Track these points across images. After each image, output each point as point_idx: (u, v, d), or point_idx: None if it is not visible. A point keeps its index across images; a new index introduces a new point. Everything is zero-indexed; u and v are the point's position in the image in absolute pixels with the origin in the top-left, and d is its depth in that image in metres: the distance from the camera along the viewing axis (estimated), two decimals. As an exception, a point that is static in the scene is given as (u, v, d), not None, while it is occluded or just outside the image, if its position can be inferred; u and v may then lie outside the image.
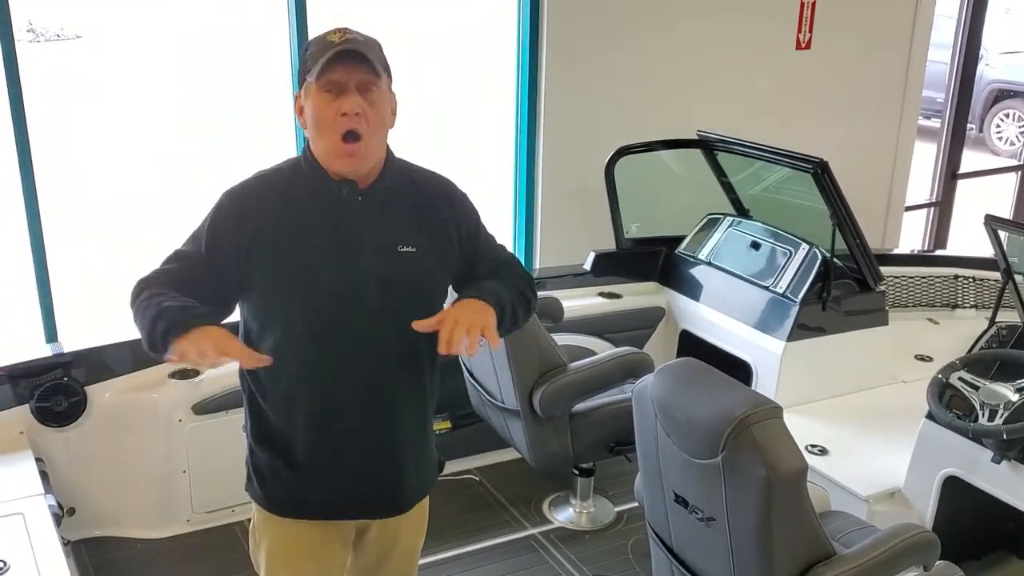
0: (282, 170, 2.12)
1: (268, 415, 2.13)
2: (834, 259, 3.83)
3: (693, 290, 4.32)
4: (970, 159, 7.18)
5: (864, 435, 3.62)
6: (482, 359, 3.58)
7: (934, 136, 6.88)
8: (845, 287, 3.91)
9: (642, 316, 4.37)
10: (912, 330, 4.43)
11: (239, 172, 2.13)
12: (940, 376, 3.13)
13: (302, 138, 2.31)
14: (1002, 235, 3.58)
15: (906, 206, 6.25)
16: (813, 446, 3.46)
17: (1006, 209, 7.28)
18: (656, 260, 4.50)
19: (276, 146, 4.81)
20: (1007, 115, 10.93)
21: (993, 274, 4.44)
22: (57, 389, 3.40)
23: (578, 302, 4.26)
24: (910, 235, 6.63)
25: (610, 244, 4.48)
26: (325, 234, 2.04)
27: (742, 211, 4.53)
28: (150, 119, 9.68)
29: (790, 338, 3.79)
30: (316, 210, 2.05)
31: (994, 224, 3.56)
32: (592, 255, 4.45)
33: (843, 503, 3.13)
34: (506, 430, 3.67)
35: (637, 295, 4.42)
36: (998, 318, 3.75)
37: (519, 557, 3.64)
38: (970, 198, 7.06)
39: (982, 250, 4.43)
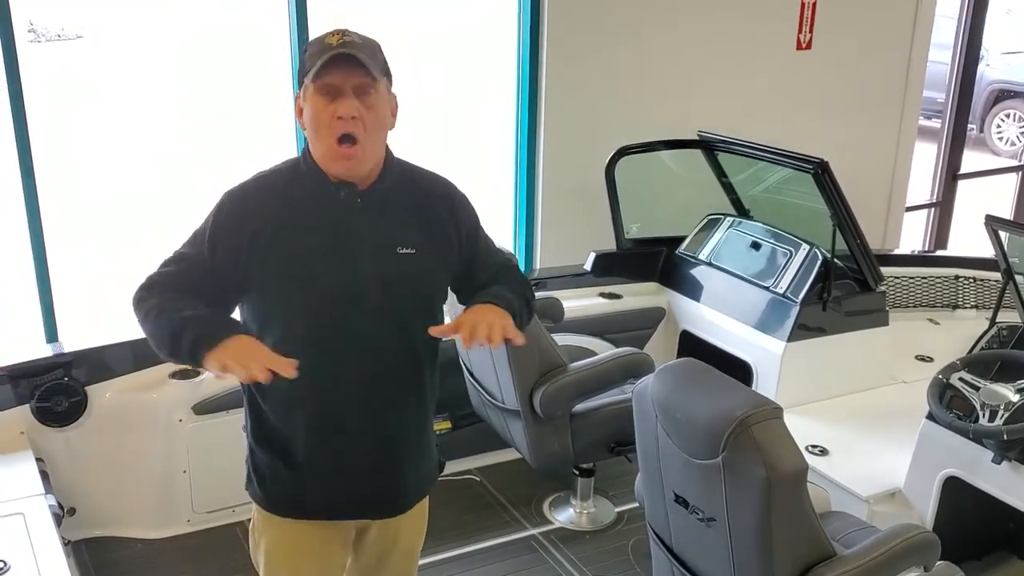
0: (281, 171, 2.11)
1: (268, 415, 2.13)
2: (834, 259, 3.83)
3: (693, 290, 4.32)
4: (971, 159, 7.17)
5: (864, 435, 3.61)
6: (482, 359, 3.58)
7: (935, 136, 6.88)
8: (845, 287, 3.91)
9: (642, 316, 4.37)
10: (912, 330, 4.42)
11: (239, 172, 2.13)
12: (940, 376, 3.13)
13: (302, 139, 2.31)
14: (1002, 235, 3.58)
15: (907, 206, 6.24)
16: (813, 446, 3.46)
17: (1007, 209, 7.27)
18: (656, 260, 4.50)
19: (276, 146, 4.82)
20: (1008, 115, 10.91)
21: (994, 274, 4.44)
22: (57, 389, 3.41)
23: (578, 302, 4.26)
24: (910, 235, 6.63)
25: (611, 243, 4.48)
26: (324, 236, 2.04)
27: (742, 211, 4.53)
28: (150, 119, 9.66)
29: (790, 338, 3.79)
30: (315, 212, 2.04)
31: (995, 224, 3.56)
32: (592, 255, 4.45)
33: (843, 503, 3.13)
34: (506, 430, 3.67)
35: (637, 295, 4.42)
36: (998, 318, 3.75)
37: (519, 557, 3.64)
38: (971, 198, 7.06)
39: (983, 250, 4.42)
